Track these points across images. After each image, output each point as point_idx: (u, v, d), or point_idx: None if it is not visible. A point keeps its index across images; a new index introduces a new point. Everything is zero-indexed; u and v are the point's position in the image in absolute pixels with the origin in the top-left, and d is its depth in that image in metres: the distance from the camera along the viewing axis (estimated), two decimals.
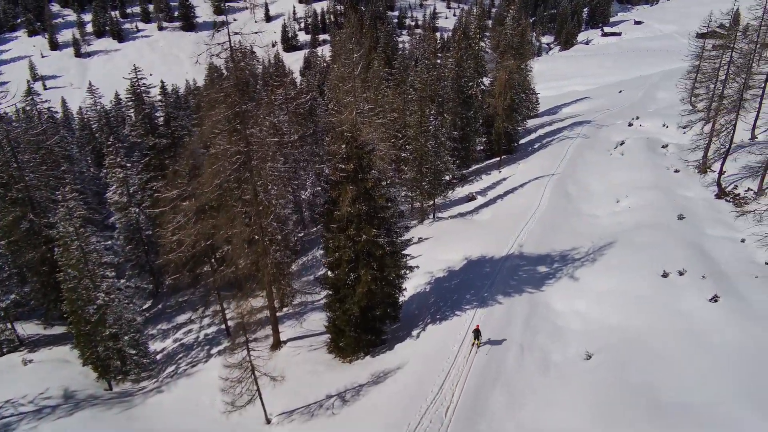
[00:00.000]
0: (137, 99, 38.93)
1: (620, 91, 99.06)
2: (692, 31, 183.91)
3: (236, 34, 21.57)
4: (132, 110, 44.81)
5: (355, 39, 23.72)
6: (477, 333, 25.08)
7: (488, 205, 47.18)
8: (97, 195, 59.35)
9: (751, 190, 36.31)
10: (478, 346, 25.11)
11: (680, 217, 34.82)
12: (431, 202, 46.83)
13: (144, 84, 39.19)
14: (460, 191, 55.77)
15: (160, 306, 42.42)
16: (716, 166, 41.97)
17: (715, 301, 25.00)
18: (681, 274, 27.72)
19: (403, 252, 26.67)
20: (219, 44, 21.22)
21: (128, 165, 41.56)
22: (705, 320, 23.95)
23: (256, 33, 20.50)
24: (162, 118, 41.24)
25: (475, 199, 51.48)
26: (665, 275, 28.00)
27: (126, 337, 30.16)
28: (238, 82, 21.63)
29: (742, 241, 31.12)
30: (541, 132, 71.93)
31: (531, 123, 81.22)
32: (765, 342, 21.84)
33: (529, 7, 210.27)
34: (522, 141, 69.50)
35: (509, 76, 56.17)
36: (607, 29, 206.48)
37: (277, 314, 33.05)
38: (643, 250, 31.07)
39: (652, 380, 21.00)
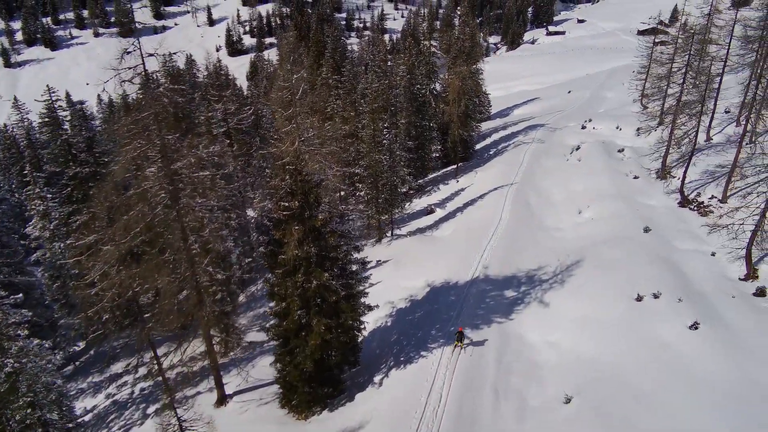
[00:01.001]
0: (53, 124, 34.49)
1: (569, 92, 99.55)
2: (633, 28, 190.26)
3: (150, 55, 18.21)
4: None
5: (294, 58, 20.69)
6: (461, 335, 25.35)
7: (448, 219, 45.01)
8: (24, 222, 53.75)
9: (715, 197, 35.48)
10: (462, 348, 25.40)
11: (646, 230, 33.51)
12: (388, 220, 44.27)
13: (61, 107, 34.75)
14: (418, 203, 53.54)
15: (92, 352, 38.05)
16: (676, 172, 41.24)
17: (696, 328, 23.42)
18: (656, 296, 26.13)
19: (362, 290, 23.84)
20: (130, 68, 17.84)
21: (49, 196, 37.04)
22: (687, 352, 22.28)
23: (174, 54, 17.17)
24: (87, 140, 36.84)
25: (434, 212, 49.32)
26: (639, 299, 26.35)
27: (46, 401, 26.08)
28: (159, 111, 18.31)
29: (713, 254, 29.97)
30: (495, 137, 70.67)
31: (485, 126, 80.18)
32: (754, 376, 20.30)
33: (475, 7, 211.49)
34: (478, 146, 68.07)
35: (462, 82, 54.33)
36: (551, 28, 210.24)
37: (223, 361, 29.64)
38: (613, 268, 29.45)
39: (640, 427, 19.07)
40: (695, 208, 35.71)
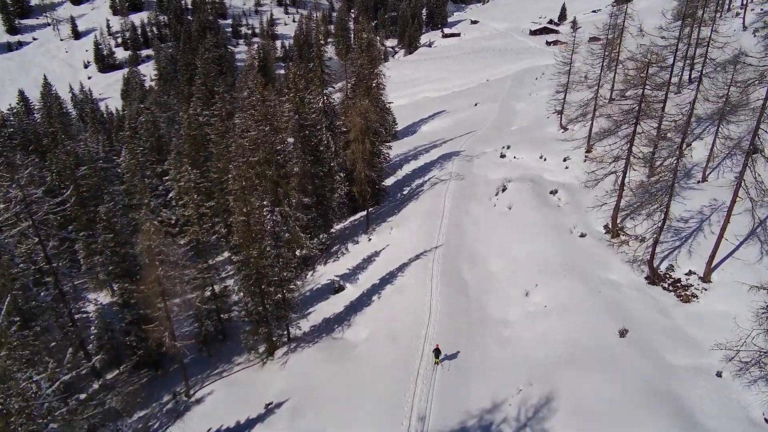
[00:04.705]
0: None
1: (476, 104, 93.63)
2: (525, 28, 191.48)
3: None
4: None
5: None
6: (437, 352, 25.76)
7: (362, 308, 34.81)
8: None
9: (694, 273, 28.25)
10: (437, 364, 25.97)
11: (623, 334, 25.45)
12: (282, 321, 33.22)
13: None
14: (323, 272, 42.99)
15: None
16: (629, 227, 34.15)
17: None
18: None
19: None
20: None
21: None
22: None
23: None
24: None
25: (344, 289, 38.97)
26: None
27: None
28: None
29: (719, 375, 22.36)
30: (407, 169, 61.63)
31: (394, 152, 70.23)
32: None
33: (369, 10, 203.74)
34: (388, 182, 58.50)
35: (365, 119, 44.33)
36: (447, 30, 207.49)
37: None
38: (603, 424, 20.80)
39: None
40: (671, 289, 28.28)
